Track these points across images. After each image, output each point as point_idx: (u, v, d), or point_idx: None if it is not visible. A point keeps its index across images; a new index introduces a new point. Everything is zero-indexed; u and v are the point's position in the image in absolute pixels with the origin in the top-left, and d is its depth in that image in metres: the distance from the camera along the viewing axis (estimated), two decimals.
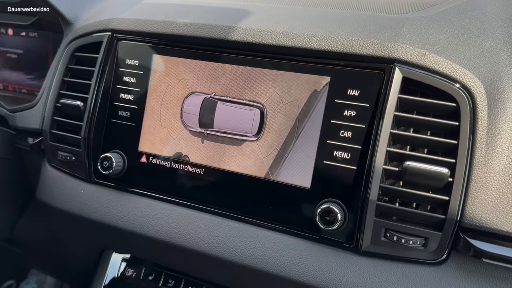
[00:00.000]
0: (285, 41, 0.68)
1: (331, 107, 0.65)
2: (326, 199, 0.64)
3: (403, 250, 0.60)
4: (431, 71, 0.61)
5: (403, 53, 0.62)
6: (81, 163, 0.82)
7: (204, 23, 0.75)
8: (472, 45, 0.64)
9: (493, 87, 0.59)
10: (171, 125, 0.76)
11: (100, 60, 0.81)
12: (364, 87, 0.63)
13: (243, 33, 0.71)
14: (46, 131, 0.86)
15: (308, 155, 0.66)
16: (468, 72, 0.60)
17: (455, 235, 0.58)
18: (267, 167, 0.69)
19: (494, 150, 0.57)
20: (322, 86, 0.66)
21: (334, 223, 0.62)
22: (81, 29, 0.87)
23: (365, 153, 0.62)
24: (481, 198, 0.57)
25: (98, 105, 0.80)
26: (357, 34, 0.66)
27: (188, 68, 0.75)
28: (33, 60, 1.08)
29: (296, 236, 0.67)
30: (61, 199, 0.84)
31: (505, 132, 0.57)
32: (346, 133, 0.64)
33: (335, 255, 0.64)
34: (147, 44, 0.79)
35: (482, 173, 0.57)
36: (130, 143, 0.78)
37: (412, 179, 0.59)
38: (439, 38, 0.64)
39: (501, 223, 0.55)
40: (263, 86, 0.70)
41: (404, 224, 0.60)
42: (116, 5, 0.91)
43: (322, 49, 0.66)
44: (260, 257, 0.68)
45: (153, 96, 0.77)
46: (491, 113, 0.58)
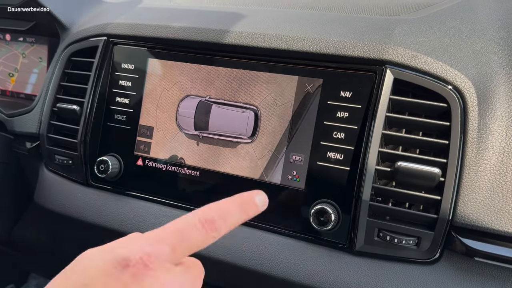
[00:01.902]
0: (278, 44, 0.69)
1: (324, 109, 0.65)
2: (320, 200, 0.65)
3: (396, 250, 0.61)
4: (422, 72, 0.61)
5: (394, 54, 0.63)
6: (78, 167, 0.82)
7: (198, 27, 0.75)
8: (463, 46, 0.64)
9: (484, 87, 0.60)
10: (166, 128, 0.76)
11: (96, 65, 0.81)
12: (356, 89, 0.64)
13: (237, 36, 0.72)
14: (43, 135, 0.86)
15: (302, 157, 0.67)
16: (459, 72, 0.61)
17: (447, 234, 0.59)
18: (261, 168, 0.69)
19: (485, 150, 0.58)
20: (315, 88, 0.66)
21: (328, 224, 0.63)
22: (77, 34, 0.87)
23: (357, 154, 0.63)
24: (472, 197, 0.57)
25: (94, 109, 0.81)
26: (349, 36, 0.66)
27: (183, 72, 0.76)
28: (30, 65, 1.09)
29: (290, 237, 0.67)
30: (59, 202, 0.85)
31: (496, 132, 0.58)
32: (339, 134, 0.64)
33: (330, 255, 0.65)
34: (142, 48, 0.80)
35: (473, 172, 0.58)
36: (126, 146, 0.79)
37: (404, 179, 0.60)
38: (430, 40, 0.65)
39: (492, 221, 0.56)
40: (257, 88, 0.71)
41: (397, 224, 0.60)
42: (112, 10, 0.91)
43: (314, 51, 0.67)
44: (254, 258, 0.68)
45: (149, 99, 0.78)
46: (482, 113, 0.59)
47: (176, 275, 0.35)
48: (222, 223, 0.38)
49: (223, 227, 0.38)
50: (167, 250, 0.34)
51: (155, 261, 0.33)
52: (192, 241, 0.36)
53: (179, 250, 0.35)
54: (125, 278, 0.32)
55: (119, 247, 0.35)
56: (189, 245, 0.36)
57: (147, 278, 0.33)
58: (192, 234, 0.36)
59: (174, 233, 0.36)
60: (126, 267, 0.33)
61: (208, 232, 0.37)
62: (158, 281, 0.33)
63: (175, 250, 0.35)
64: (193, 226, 0.36)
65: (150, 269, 0.33)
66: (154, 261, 0.33)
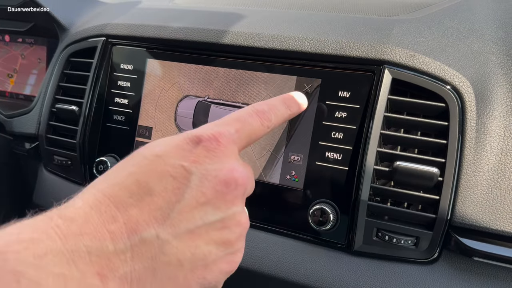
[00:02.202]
0: (277, 44, 0.69)
1: (322, 109, 0.65)
2: (319, 199, 0.65)
3: (395, 250, 0.61)
4: (420, 72, 0.62)
5: (392, 54, 0.63)
6: (76, 167, 0.82)
7: (196, 27, 0.76)
8: (461, 46, 0.65)
9: (482, 87, 0.60)
10: (165, 128, 0.76)
11: (95, 65, 0.82)
12: (355, 89, 0.64)
13: (235, 36, 0.72)
14: (42, 135, 0.86)
15: (300, 157, 0.67)
16: (457, 72, 0.61)
17: (446, 234, 0.59)
18: (260, 168, 0.70)
19: (483, 149, 0.58)
20: (314, 88, 0.66)
21: (327, 224, 0.63)
22: (76, 35, 0.88)
23: (356, 154, 0.63)
24: (470, 197, 0.57)
25: (93, 109, 0.81)
26: (347, 36, 0.66)
27: (181, 72, 0.76)
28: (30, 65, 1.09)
29: (288, 237, 0.67)
30: (57, 203, 0.85)
31: (494, 132, 0.58)
32: (338, 134, 0.64)
33: (328, 255, 0.65)
34: (141, 48, 0.80)
35: (472, 172, 0.58)
36: (125, 147, 0.79)
37: (403, 179, 0.60)
38: (428, 40, 0.65)
39: (491, 221, 0.56)
40: (255, 88, 0.71)
41: (396, 224, 0.60)
42: (111, 11, 0.92)
43: (312, 51, 0.67)
44: (253, 258, 0.68)
45: (148, 100, 0.78)
46: (480, 112, 0.59)
47: (239, 160, 0.39)
48: (273, 115, 0.43)
49: (273, 119, 0.43)
50: (232, 131, 0.39)
51: (225, 138, 0.37)
52: (251, 127, 0.41)
53: (242, 133, 0.40)
54: (198, 151, 0.36)
55: (188, 131, 0.38)
56: (249, 131, 0.40)
57: (218, 152, 0.36)
58: (250, 121, 0.41)
59: (236, 120, 0.40)
60: (199, 142, 0.36)
61: (262, 121, 0.42)
62: (226, 156, 0.37)
63: (239, 132, 0.39)
64: (250, 115, 0.41)
65: (220, 143, 0.37)
66: (224, 138, 0.37)
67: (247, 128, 0.40)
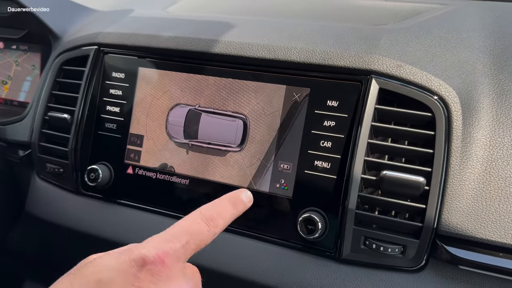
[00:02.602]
0: (266, 53, 0.70)
1: (311, 118, 0.66)
2: (308, 208, 0.66)
3: (382, 258, 0.61)
4: (406, 82, 0.62)
5: (379, 64, 0.63)
6: (68, 175, 0.83)
7: (187, 37, 0.76)
8: (449, 56, 0.65)
9: (468, 96, 0.61)
10: (156, 136, 0.77)
11: (87, 73, 0.82)
12: (343, 98, 0.65)
13: (226, 46, 0.73)
14: (35, 143, 0.87)
15: (290, 165, 0.67)
16: (443, 82, 0.61)
17: (432, 242, 0.59)
18: (250, 177, 0.70)
19: (469, 159, 0.58)
20: (303, 97, 0.67)
21: (315, 232, 0.63)
22: (68, 43, 0.88)
23: (344, 163, 0.63)
24: (456, 206, 0.58)
25: (85, 117, 0.81)
26: (335, 46, 0.67)
27: (172, 81, 0.76)
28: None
29: (278, 245, 0.68)
30: (50, 211, 0.85)
31: (480, 141, 0.59)
32: (326, 143, 0.65)
33: (317, 263, 0.65)
34: (133, 57, 0.80)
35: (458, 181, 0.58)
36: (116, 154, 0.79)
37: (390, 187, 0.60)
38: (416, 49, 0.66)
39: (476, 230, 0.57)
40: (245, 97, 0.71)
41: (383, 232, 0.61)
42: (103, 19, 0.92)
43: (301, 61, 0.67)
44: (242, 266, 0.69)
45: (139, 108, 0.79)
46: (466, 122, 0.60)
47: (186, 275, 0.38)
48: (221, 220, 0.43)
49: (221, 223, 0.43)
50: (178, 246, 0.38)
51: (170, 258, 0.36)
52: (200, 236, 0.40)
53: (190, 245, 0.39)
54: (143, 276, 0.35)
55: (132, 248, 0.37)
56: (197, 241, 0.40)
57: (163, 276, 0.35)
58: (199, 230, 0.40)
59: (185, 232, 0.39)
60: (144, 265, 0.35)
61: (210, 228, 0.41)
62: (171, 279, 0.36)
63: (187, 245, 0.38)
64: (198, 224, 0.41)
65: (165, 265, 0.36)
66: (169, 258, 0.36)
67: (196, 238, 0.40)
